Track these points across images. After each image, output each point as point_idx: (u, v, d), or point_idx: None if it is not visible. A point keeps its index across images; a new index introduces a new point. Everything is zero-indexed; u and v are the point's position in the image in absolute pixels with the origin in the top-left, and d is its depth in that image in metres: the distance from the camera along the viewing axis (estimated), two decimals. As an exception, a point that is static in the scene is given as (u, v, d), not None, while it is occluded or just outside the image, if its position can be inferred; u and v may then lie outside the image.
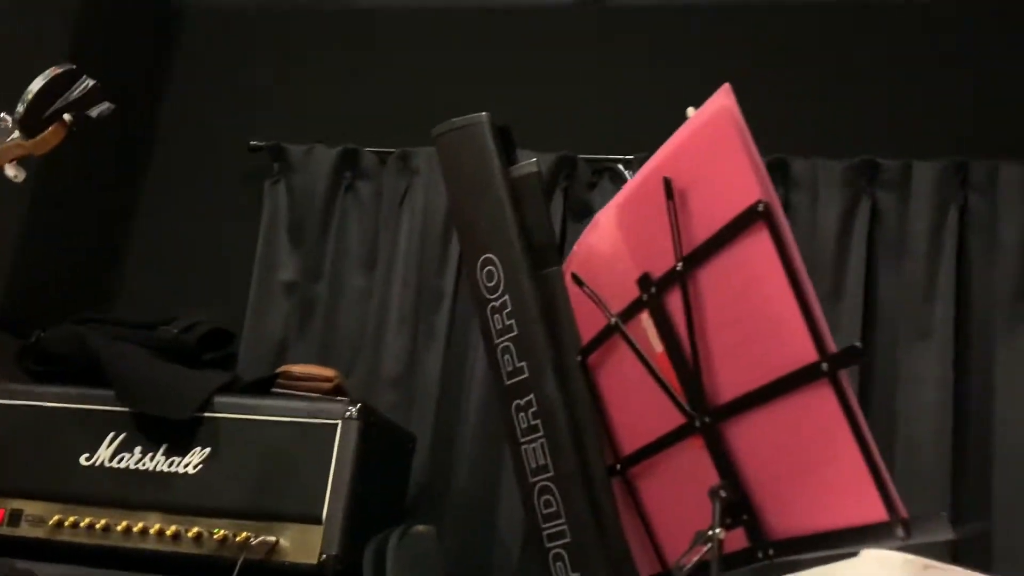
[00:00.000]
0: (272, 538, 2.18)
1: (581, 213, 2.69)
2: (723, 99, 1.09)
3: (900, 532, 0.97)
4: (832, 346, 0.99)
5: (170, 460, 2.27)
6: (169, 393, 2.31)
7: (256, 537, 2.15)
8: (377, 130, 2.94)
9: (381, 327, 2.76)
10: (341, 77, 3.06)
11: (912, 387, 2.50)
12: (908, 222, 2.59)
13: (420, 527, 2.32)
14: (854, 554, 0.98)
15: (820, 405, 1.00)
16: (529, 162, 1.49)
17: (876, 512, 0.98)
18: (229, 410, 2.29)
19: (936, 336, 2.51)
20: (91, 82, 1.43)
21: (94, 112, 1.42)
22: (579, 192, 2.77)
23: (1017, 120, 2.61)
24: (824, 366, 1.00)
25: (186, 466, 2.27)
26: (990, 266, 2.54)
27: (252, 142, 2.98)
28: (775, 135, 2.73)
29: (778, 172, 2.68)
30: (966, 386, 2.49)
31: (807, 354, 1.00)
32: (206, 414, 2.28)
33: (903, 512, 0.98)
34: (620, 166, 2.77)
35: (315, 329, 2.83)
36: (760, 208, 1.01)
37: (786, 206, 2.67)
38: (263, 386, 2.40)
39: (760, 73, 2.84)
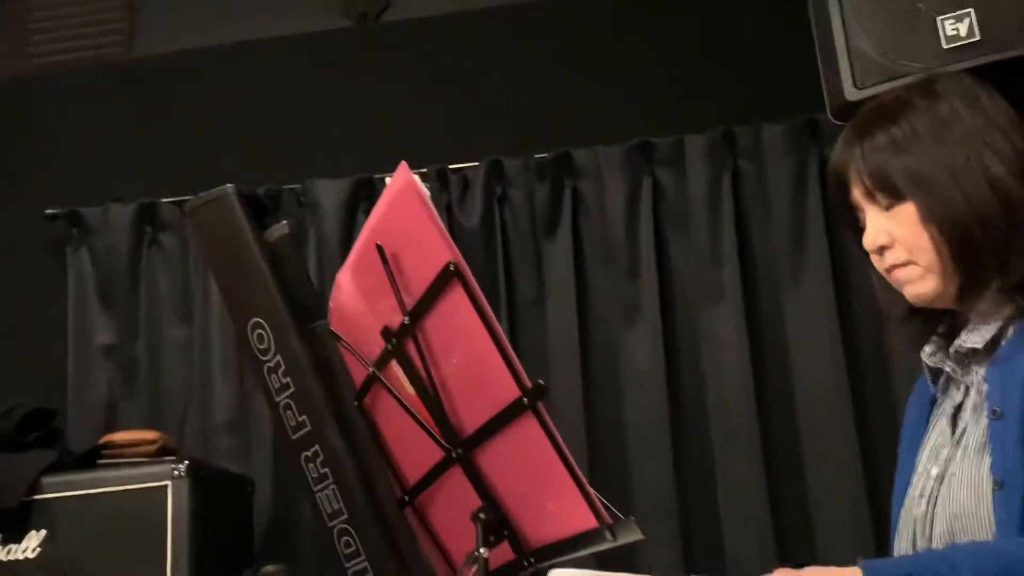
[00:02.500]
0: (121, 607, 2.23)
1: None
2: (403, 176, 1.19)
3: (608, 536, 1.10)
4: (528, 382, 1.11)
5: (7, 548, 2.29)
6: (-7, 483, 2.32)
7: (105, 609, 2.19)
8: (172, 180, 2.94)
9: (207, 375, 2.79)
10: (128, 132, 3.06)
11: (713, 349, 2.67)
12: (687, 193, 2.75)
13: (269, 568, 2.39)
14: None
15: (530, 433, 1.13)
16: (280, 225, 1.56)
17: (589, 521, 1.11)
18: (58, 489, 2.31)
19: (727, 297, 2.68)
20: None
21: None
22: (380, 211, 2.84)
23: (772, 83, 2.79)
24: (525, 400, 1.11)
25: (24, 551, 2.29)
26: (766, 224, 2.72)
27: (47, 210, 2.95)
28: (556, 130, 2.88)
29: (563, 164, 2.81)
30: (761, 340, 2.67)
31: (512, 391, 1.12)
32: (36, 497, 2.31)
33: (608, 519, 1.11)
34: (417, 179, 2.85)
35: (141, 388, 2.84)
36: (451, 268, 1.12)
37: (575, 196, 2.81)
38: (89, 459, 2.42)
39: (534, 73, 2.96)
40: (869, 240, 1.43)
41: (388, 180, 1.17)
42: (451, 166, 2.84)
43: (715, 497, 2.60)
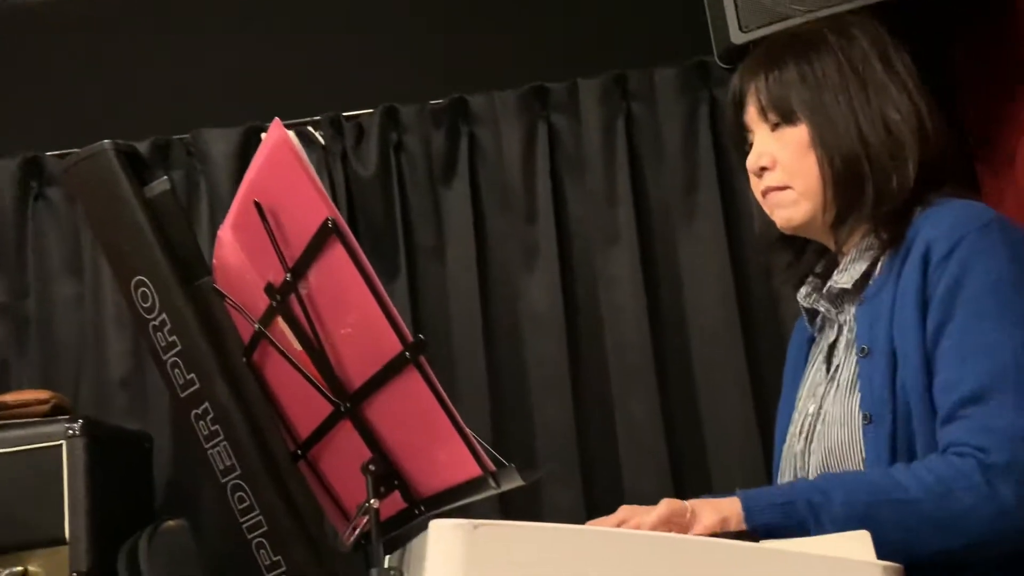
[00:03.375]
0: (19, 568, 2.22)
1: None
2: (277, 133, 1.18)
3: (492, 483, 1.13)
4: (409, 336, 1.13)
5: None
6: None
7: (3, 570, 2.17)
8: (58, 132, 2.85)
9: (100, 331, 2.74)
10: (9, 82, 2.95)
11: (610, 290, 2.71)
12: (582, 138, 2.76)
13: (170, 522, 2.38)
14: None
15: (414, 386, 1.15)
16: (161, 180, 1.53)
17: (474, 469, 1.14)
18: (-51, 453, 2.26)
19: (623, 239, 2.72)
20: None
21: None
22: (274, 161, 2.80)
23: (664, 27, 2.82)
24: (407, 354, 1.13)
25: (-85, 518, 2.24)
26: (660, 166, 2.76)
27: (-75, 167, 2.84)
28: (450, 76, 2.86)
29: (459, 111, 2.81)
30: (656, 280, 2.73)
31: (395, 346, 1.14)
32: (-75, 461, 2.25)
33: (491, 466, 1.14)
34: (310, 128, 2.82)
35: (33, 346, 2.78)
36: (329, 225, 1.12)
37: (471, 142, 2.81)
38: (-21, 422, 2.37)
39: (427, 18, 2.94)
40: (752, 160, 1.48)
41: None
42: (345, 114, 2.81)
43: (614, 435, 2.66)
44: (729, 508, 1.25)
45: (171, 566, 2.30)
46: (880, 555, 1.06)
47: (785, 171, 1.46)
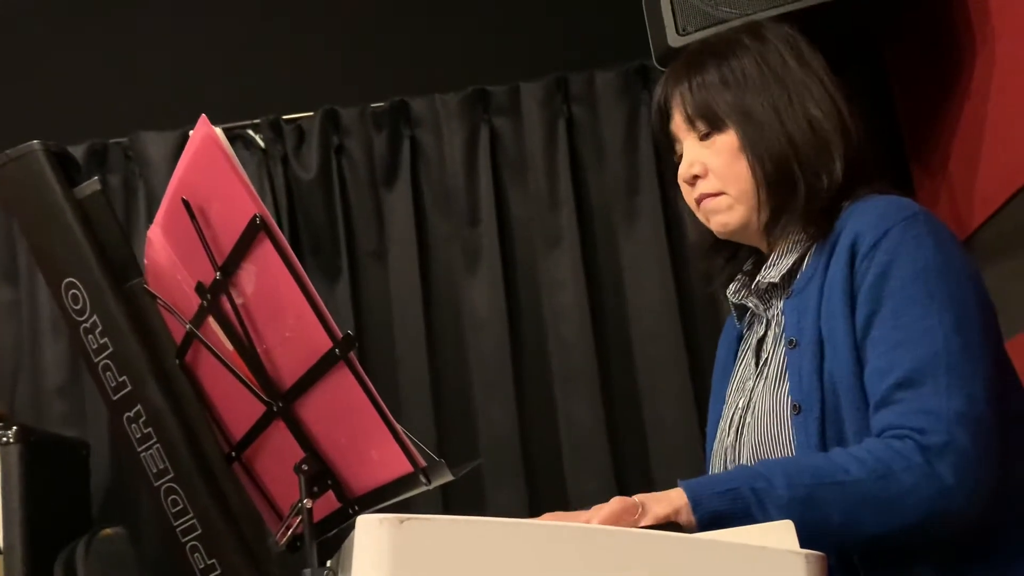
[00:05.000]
0: (-47, 578, 2.17)
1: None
2: (203, 130, 1.18)
3: (423, 480, 1.13)
4: (338, 333, 1.12)
5: None
6: None
7: (-64, 581, 2.13)
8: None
9: (36, 338, 2.70)
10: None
11: (552, 292, 2.73)
12: (524, 141, 2.78)
13: (107, 530, 2.35)
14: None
15: (345, 383, 1.15)
16: (92, 181, 1.52)
17: (405, 466, 1.14)
18: None
19: (565, 242, 2.73)
20: None
21: None
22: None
23: (603, 30, 2.84)
24: (337, 351, 1.13)
25: None
26: (601, 169, 2.78)
27: None
28: (391, 78, 2.86)
29: (401, 114, 2.81)
30: (598, 282, 2.74)
31: (324, 343, 1.13)
32: None
33: (422, 463, 1.14)
34: (249, 131, 2.81)
35: (-33, 354, 2.73)
36: (258, 221, 1.12)
37: (413, 145, 2.80)
38: (-90, 430, 2.32)
39: (367, 20, 2.93)
40: (684, 170, 1.49)
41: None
42: (285, 117, 2.79)
43: (557, 436, 2.67)
44: (679, 499, 1.25)
45: (109, 574, 2.27)
46: (824, 541, 1.06)
47: (718, 177, 1.48)
